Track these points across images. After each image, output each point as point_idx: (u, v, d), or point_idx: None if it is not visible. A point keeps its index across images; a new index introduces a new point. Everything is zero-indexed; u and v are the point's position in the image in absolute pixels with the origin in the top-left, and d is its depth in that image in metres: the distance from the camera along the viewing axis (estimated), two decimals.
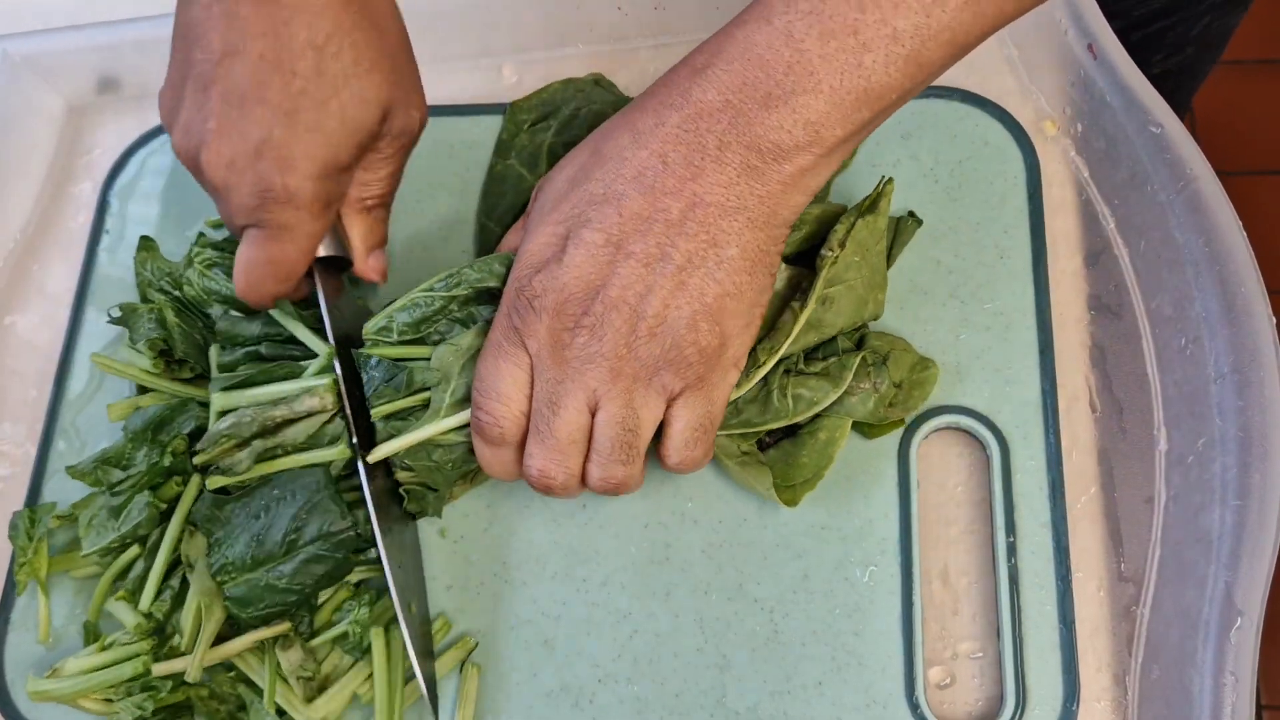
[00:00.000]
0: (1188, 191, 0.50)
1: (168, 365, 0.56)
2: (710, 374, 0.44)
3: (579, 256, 0.42)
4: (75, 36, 0.66)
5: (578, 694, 0.50)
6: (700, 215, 0.42)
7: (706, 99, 0.41)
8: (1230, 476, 0.46)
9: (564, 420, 0.44)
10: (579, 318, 0.43)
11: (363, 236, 0.51)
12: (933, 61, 0.40)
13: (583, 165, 0.45)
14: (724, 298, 0.43)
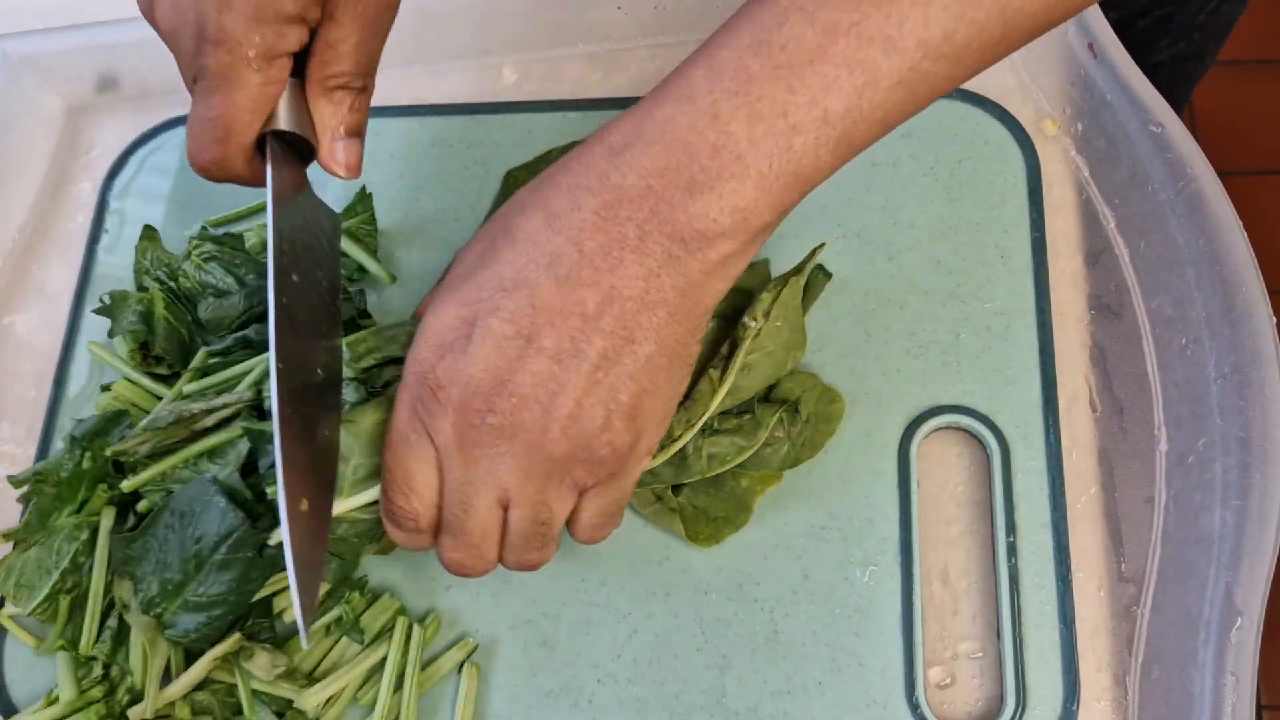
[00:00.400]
0: (1188, 191, 0.50)
1: (144, 359, 0.55)
2: (622, 469, 0.43)
3: (486, 348, 0.40)
4: (74, 36, 0.66)
5: (577, 694, 0.50)
6: (617, 310, 0.39)
7: (626, 184, 0.39)
8: (1231, 477, 0.46)
9: (476, 520, 0.42)
10: (484, 414, 0.40)
11: (326, 120, 0.47)
12: (863, 142, 0.38)
13: (492, 241, 0.42)
14: (640, 395, 0.41)
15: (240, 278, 0.57)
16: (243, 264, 0.57)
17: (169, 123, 0.66)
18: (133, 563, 0.48)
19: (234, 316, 0.54)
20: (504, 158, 0.61)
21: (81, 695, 0.48)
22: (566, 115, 0.62)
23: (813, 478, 0.52)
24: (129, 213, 0.64)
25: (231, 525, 0.46)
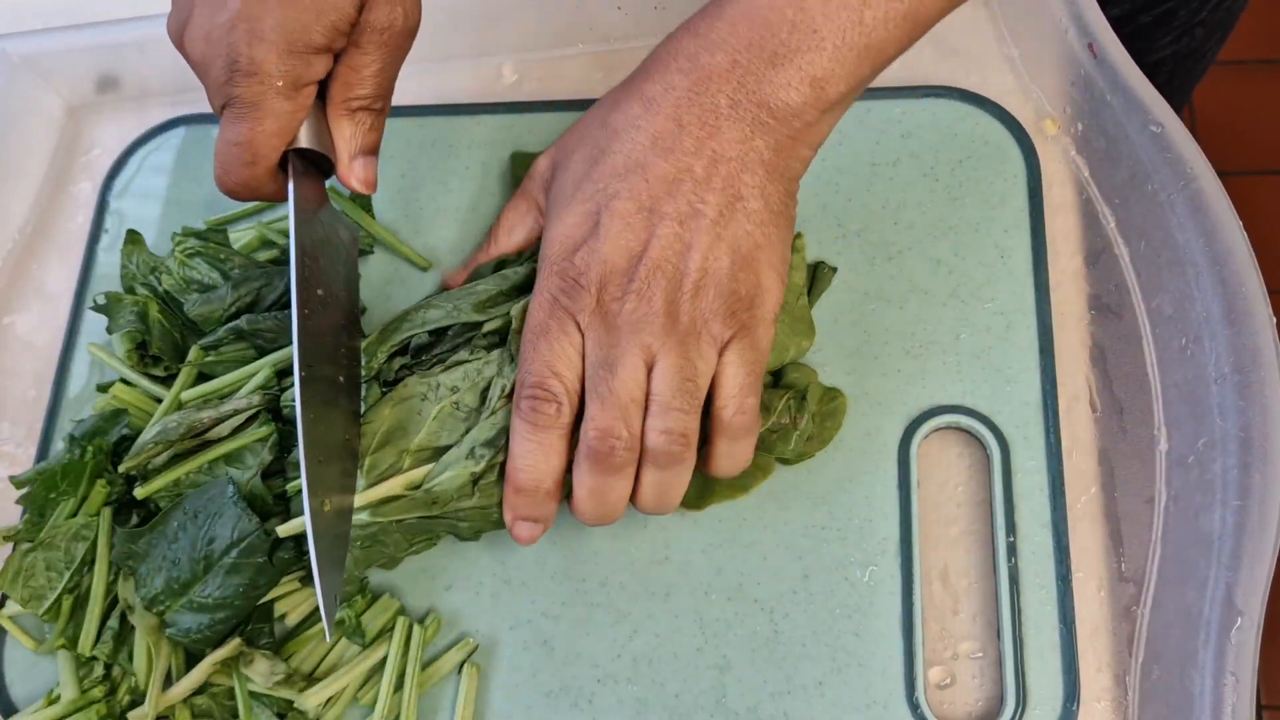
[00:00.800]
0: (1188, 191, 0.50)
1: (141, 359, 0.55)
2: (753, 322, 0.45)
3: (615, 227, 0.44)
4: (74, 36, 0.66)
5: (577, 694, 0.50)
6: (723, 170, 0.43)
7: (714, 61, 0.43)
8: (1231, 477, 0.46)
9: (622, 379, 0.44)
10: (625, 285, 0.44)
11: (346, 139, 0.50)
12: (928, 17, 0.43)
13: (595, 143, 0.46)
14: (756, 249, 0.44)
15: (225, 272, 0.56)
16: (228, 258, 0.57)
17: (169, 123, 0.66)
18: (137, 558, 0.48)
19: (223, 309, 0.54)
20: (504, 158, 0.61)
21: (83, 695, 0.48)
22: (566, 115, 0.61)
23: (813, 478, 0.52)
24: (129, 213, 0.64)
25: (245, 530, 0.46)
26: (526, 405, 0.45)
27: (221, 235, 0.59)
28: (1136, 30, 0.54)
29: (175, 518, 0.48)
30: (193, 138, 0.65)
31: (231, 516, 0.46)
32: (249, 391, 0.51)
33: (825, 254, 0.56)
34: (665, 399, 0.44)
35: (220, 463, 0.49)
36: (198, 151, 0.65)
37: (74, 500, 0.50)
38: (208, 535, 0.46)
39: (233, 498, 0.46)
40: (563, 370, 0.45)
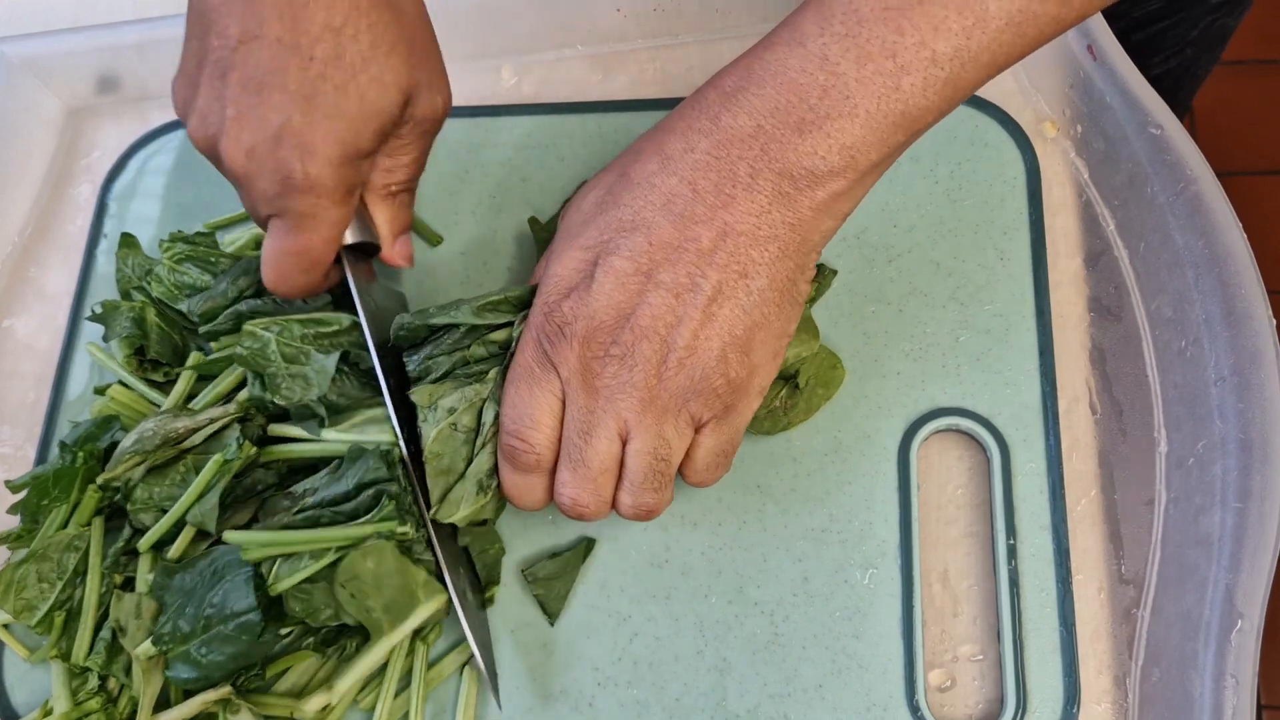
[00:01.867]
0: (1188, 193, 0.50)
1: (140, 364, 0.55)
2: (737, 403, 0.44)
3: (608, 284, 0.42)
4: (74, 38, 0.66)
5: (577, 698, 0.50)
6: (731, 245, 0.41)
7: (737, 124, 0.41)
8: (1231, 479, 0.46)
9: (596, 450, 0.44)
10: (608, 346, 0.42)
11: (389, 222, 0.51)
12: (971, 83, 0.40)
13: (610, 188, 0.44)
14: (753, 329, 0.42)
15: (217, 274, 0.56)
16: (218, 260, 0.57)
17: (168, 126, 0.66)
18: (167, 590, 0.48)
19: (226, 302, 0.54)
20: (503, 159, 0.61)
21: (77, 706, 0.48)
22: (566, 117, 0.62)
23: (812, 480, 0.52)
24: (129, 215, 0.64)
25: (245, 607, 0.46)
26: (507, 449, 0.45)
27: (210, 238, 0.59)
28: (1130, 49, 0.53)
29: (200, 566, 0.47)
30: None
31: (239, 588, 0.46)
32: (213, 398, 0.52)
33: (825, 256, 0.56)
34: (637, 480, 0.44)
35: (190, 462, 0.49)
36: (197, 154, 0.65)
37: (66, 506, 0.50)
38: (215, 598, 0.46)
39: (247, 570, 0.46)
40: (542, 419, 0.44)
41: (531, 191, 0.60)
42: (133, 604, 0.48)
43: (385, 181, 0.50)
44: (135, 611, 0.48)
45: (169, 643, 0.46)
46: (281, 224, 0.47)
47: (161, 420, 0.50)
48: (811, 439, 0.52)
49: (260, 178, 0.45)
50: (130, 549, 0.50)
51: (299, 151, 0.44)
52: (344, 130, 0.45)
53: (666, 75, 0.63)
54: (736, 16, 0.62)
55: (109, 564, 0.49)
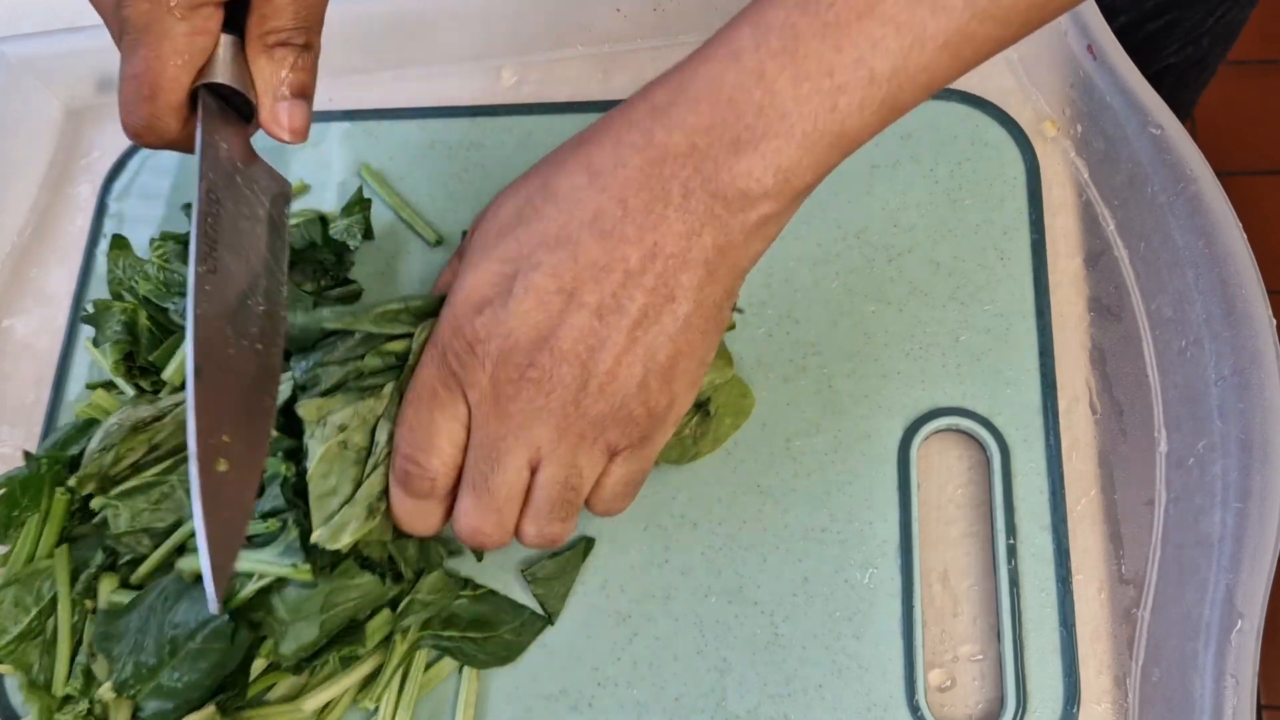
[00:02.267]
0: (1188, 193, 0.50)
1: (129, 371, 0.55)
2: (653, 433, 0.43)
3: (528, 303, 0.40)
4: (73, 39, 0.66)
5: (576, 698, 0.50)
6: (659, 267, 0.39)
7: (671, 141, 0.39)
8: (1231, 479, 0.46)
9: (502, 478, 0.42)
10: (524, 369, 0.40)
11: (266, 79, 0.45)
12: (906, 104, 0.38)
13: (530, 199, 0.41)
14: (676, 357, 0.41)
15: None
16: None
17: None
18: (112, 640, 0.46)
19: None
20: (503, 160, 0.61)
21: None
22: (566, 117, 0.62)
23: (812, 480, 0.52)
24: (128, 215, 0.64)
25: (207, 618, 0.44)
26: (401, 472, 0.43)
27: None
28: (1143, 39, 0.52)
29: (145, 601, 0.46)
30: None
31: (195, 601, 0.45)
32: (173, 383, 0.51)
33: (825, 255, 0.56)
34: (543, 510, 0.43)
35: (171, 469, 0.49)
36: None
37: (38, 516, 0.50)
38: (173, 620, 0.45)
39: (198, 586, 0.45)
40: (442, 444, 0.42)
41: None
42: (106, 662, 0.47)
43: (261, 29, 0.44)
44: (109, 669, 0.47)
45: (135, 684, 0.45)
46: (125, 42, 0.42)
47: (124, 414, 0.50)
48: (811, 439, 0.52)
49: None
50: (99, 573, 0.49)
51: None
52: None
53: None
54: None
55: (80, 590, 0.49)
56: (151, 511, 0.48)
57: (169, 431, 0.50)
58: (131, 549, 0.49)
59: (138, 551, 0.49)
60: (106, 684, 0.46)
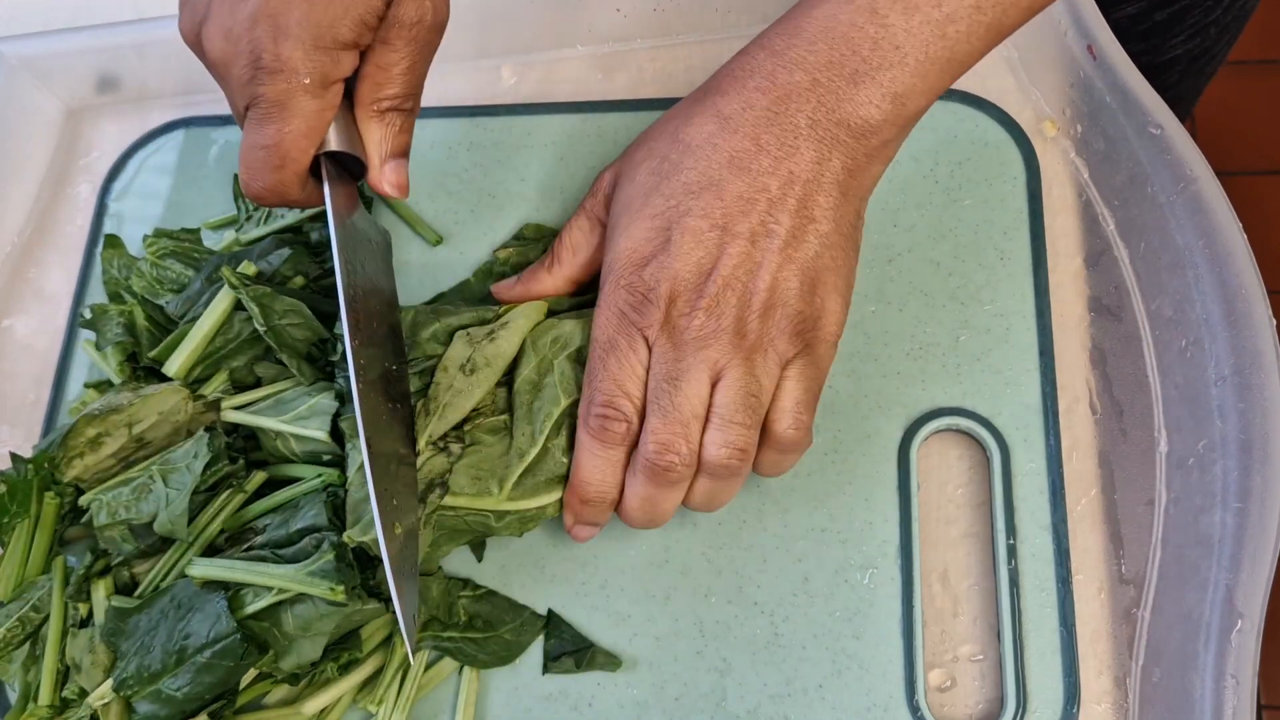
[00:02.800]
0: (1188, 193, 0.50)
1: (134, 373, 0.55)
2: (816, 342, 0.45)
3: (687, 244, 0.44)
4: (73, 39, 0.65)
5: (576, 698, 0.50)
6: (798, 191, 0.43)
7: (793, 80, 0.43)
8: (1231, 479, 0.46)
9: (686, 394, 0.44)
10: (695, 301, 0.44)
11: (377, 142, 0.48)
12: (1010, 26, 0.43)
13: (664, 158, 0.45)
14: (822, 271, 0.44)
15: (200, 269, 0.56)
16: (202, 256, 0.57)
17: (167, 125, 0.66)
18: (121, 635, 0.47)
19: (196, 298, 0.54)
20: (503, 160, 0.61)
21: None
22: (565, 117, 0.62)
23: (812, 480, 0.52)
24: (128, 215, 0.64)
25: (222, 632, 0.45)
26: (596, 423, 0.45)
27: (195, 235, 0.59)
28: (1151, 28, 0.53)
29: (160, 602, 0.46)
30: (192, 141, 0.65)
31: (210, 615, 0.45)
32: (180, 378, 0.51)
33: None
34: (728, 414, 0.44)
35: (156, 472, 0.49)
36: (197, 154, 0.65)
37: (28, 521, 0.50)
38: (184, 629, 0.45)
39: (218, 595, 0.45)
40: (631, 389, 0.45)
41: (531, 191, 0.60)
42: (86, 639, 0.47)
43: (374, 96, 0.47)
44: (89, 647, 0.47)
45: (134, 685, 0.45)
46: (254, 114, 0.45)
47: (106, 399, 0.50)
48: None
49: (235, 62, 0.44)
50: (89, 574, 0.49)
51: (273, 32, 0.43)
52: (320, 14, 0.43)
53: (666, 75, 0.63)
54: (736, 16, 0.62)
55: (71, 591, 0.49)
56: (131, 505, 0.48)
57: (151, 423, 0.50)
58: (116, 546, 0.49)
59: (122, 550, 0.49)
60: (101, 688, 0.46)
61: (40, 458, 0.50)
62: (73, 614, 0.49)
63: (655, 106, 0.61)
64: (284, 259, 0.54)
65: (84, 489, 0.49)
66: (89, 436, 0.49)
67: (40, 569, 0.50)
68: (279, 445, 0.50)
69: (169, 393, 0.50)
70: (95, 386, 0.56)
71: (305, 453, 0.50)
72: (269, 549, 0.47)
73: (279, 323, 0.50)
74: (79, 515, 0.51)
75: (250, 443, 0.52)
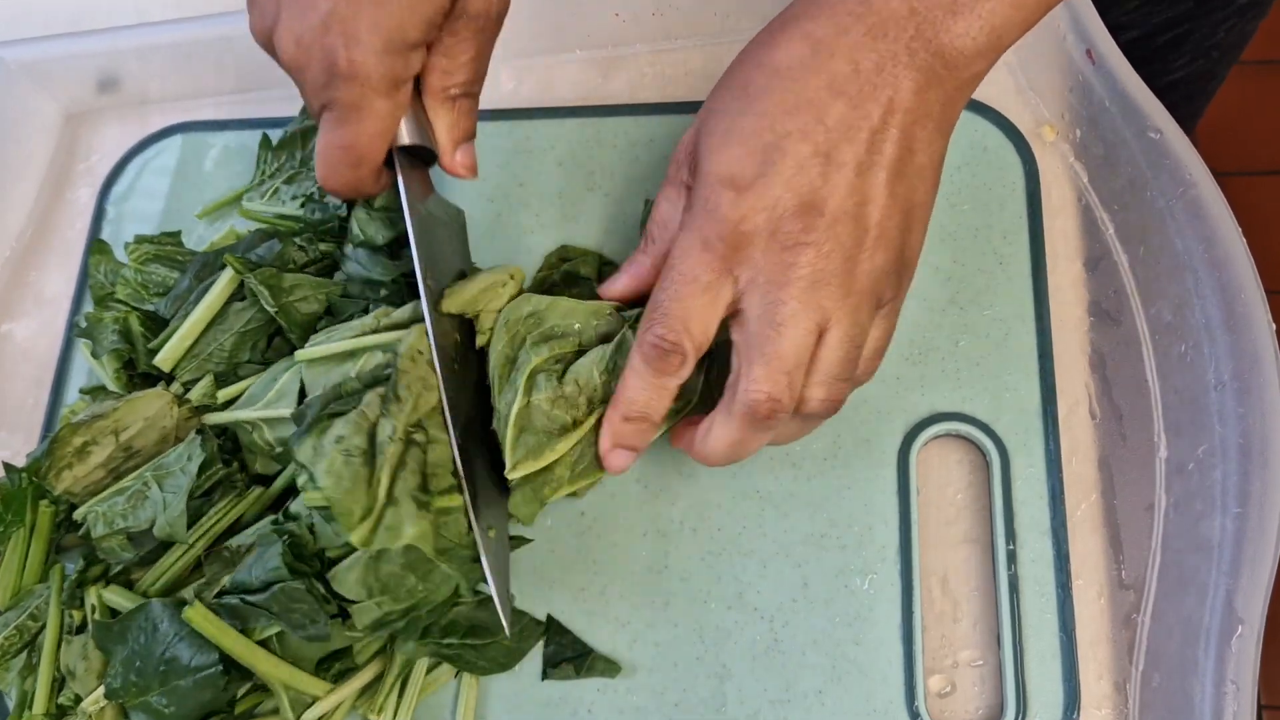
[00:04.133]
0: (1187, 197, 0.50)
1: (130, 379, 0.55)
2: (902, 288, 0.44)
3: (788, 170, 0.41)
4: (73, 43, 0.65)
5: (576, 704, 0.50)
6: (898, 121, 0.41)
7: (891, 7, 0.41)
8: (1231, 484, 0.46)
9: (793, 341, 0.41)
10: (799, 234, 0.41)
11: (448, 128, 0.49)
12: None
13: (749, 82, 0.43)
14: (918, 207, 0.42)
15: (184, 270, 0.56)
16: (185, 258, 0.57)
17: (167, 130, 0.66)
18: (111, 640, 0.47)
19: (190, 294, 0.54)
20: (502, 163, 0.61)
21: None
22: (564, 121, 0.61)
23: (812, 485, 0.52)
24: (127, 219, 0.64)
25: (203, 663, 0.45)
26: (653, 351, 0.43)
27: (175, 238, 0.59)
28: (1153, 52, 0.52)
29: (140, 619, 0.46)
30: (191, 145, 0.65)
31: (192, 644, 0.45)
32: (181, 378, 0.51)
33: None
34: (834, 370, 0.42)
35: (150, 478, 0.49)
36: (196, 158, 0.65)
37: (24, 529, 0.50)
38: (168, 651, 0.45)
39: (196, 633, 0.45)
40: (697, 329, 0.43)
41: (530, 195, 0.60)
42: (80, 646, 0.47)
43: (443, 84, 0.48)
44: (83, 653, 0.47)
45: (124, 695, 0.45)
46: (330, 116, 0.46)
47: (92, 407, 0.50)
48: (810, 444, 0.52)
49: (309, 67, 0.45)
50: (81, 580, 0.49)
51: (344, 39, 0.44)
52: (389, 18, 0.44)
53: (665, 78, 0.63)
54: (735, 19, 0.62)
55: (65, 597, 0.49)
56: (128, 513, 0.48)
57: (139, 429, 0.50)
58: (115, 556, 0.49)
59: (122, 559, 0.49)
60: (95, 693, 0.46)
61: (33, 466, 0.50)
62: (67, 621, 0.49)
63: (655, 110, 0.61)
64: (274, 251, 0.54)
65: (76, 503, 0.49)
66: (76, 445, 0.49)
67: (37, 577, 0.50)
68: (255, 439, 0.50)
69: (153, 396, 0.50)
70: (90, 393, 0.56)
71: (277, 439, 0.50)
72: (237, 594, 0.46)
73: (287, 300, 0.51)
74: (75, 524, 0.51)
75: (237, 444, 0.52)
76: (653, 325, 0.43)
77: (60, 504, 0.50)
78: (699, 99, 0.61)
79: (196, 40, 0.64)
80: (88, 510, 0.48)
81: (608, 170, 0.60)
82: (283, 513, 0.47)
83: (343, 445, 0.43)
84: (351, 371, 0.47)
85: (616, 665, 0.49)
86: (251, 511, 0.50)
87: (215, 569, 0.47)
